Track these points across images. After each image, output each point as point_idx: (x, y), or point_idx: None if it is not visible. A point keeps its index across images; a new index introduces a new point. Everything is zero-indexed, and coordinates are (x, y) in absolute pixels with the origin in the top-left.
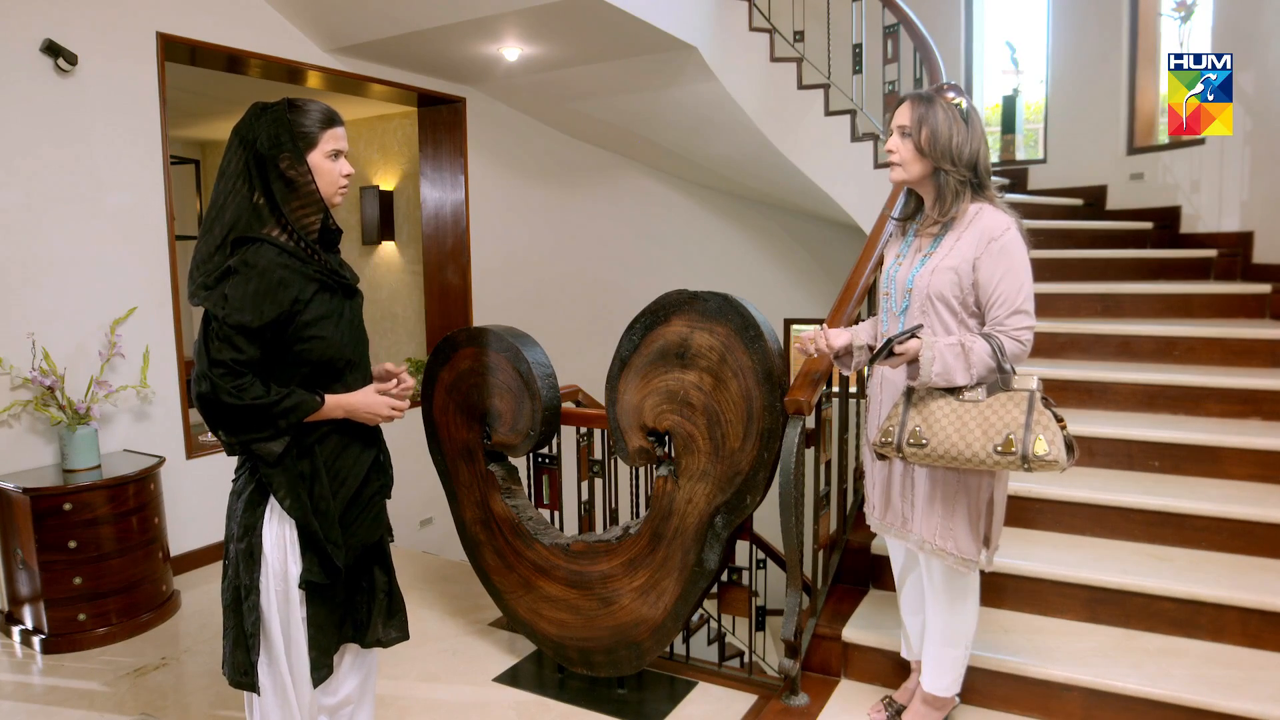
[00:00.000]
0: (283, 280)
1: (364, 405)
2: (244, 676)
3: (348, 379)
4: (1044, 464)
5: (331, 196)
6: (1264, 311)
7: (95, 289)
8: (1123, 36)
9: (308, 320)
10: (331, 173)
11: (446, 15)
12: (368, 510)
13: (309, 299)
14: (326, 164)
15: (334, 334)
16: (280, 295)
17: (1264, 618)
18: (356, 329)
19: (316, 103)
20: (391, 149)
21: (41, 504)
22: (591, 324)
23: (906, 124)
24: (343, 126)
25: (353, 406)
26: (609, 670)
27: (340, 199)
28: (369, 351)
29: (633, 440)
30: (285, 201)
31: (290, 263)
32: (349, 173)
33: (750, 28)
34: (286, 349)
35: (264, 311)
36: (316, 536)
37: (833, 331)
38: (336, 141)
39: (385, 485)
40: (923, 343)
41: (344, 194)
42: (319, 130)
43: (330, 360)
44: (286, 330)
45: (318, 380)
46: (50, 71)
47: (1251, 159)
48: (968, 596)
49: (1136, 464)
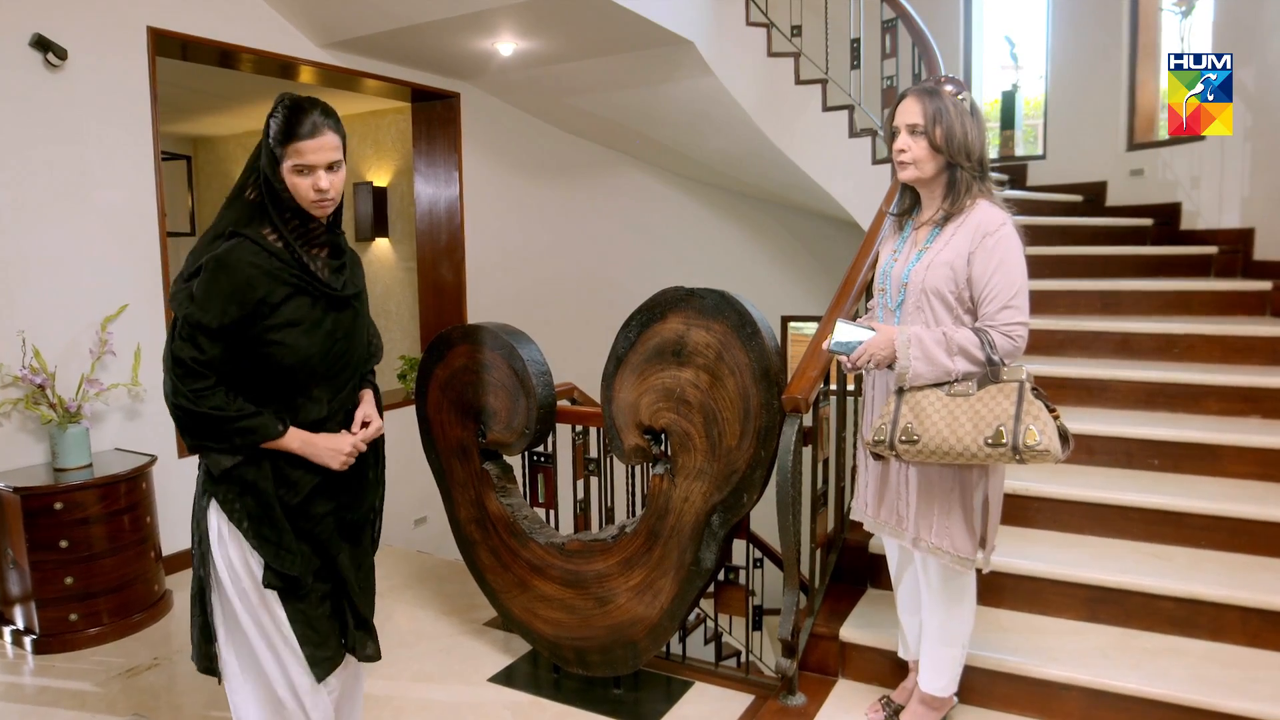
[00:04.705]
0: (250, 280)
1: (327, 444)
2: (208, 663)
3: (315, 393)
4: (1036, 454)
5: (309, 209)
6: (1264, 309)
7: (86, 286)
8: (1123, 31)
9: (274, 324)
10: (298, 188)
11: (441, 9)
12: (320, 524)
13: (279, 302)
14: (292, 179)
15: (302, 343)
16: (245, 295)
17: (1264, 617)
18: (337, 342)
19: (294, 108)
20: (385, 145)
21: (32, 503)
22: (587, 321)
23: (918, 122)
24: (318, 138)
25: (315, 445)
26: (605, 670)
27: (322, 211)
28: (362, 369)
29: (629, 438)
30: (273, 203)
31: (266, 263)
32: (323, 187)
33: (747, 22)
34: (251, 352)
35: (227, 311)
36: (263, 542)
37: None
38: (300, 156)
39: (350, 504)
40: (896, 329)
41: (324, 207)
42: (279, 146)
43: (292, 370)
44: (250, 331)
45: (282, 390)
46: (40, 67)
47: (1252, 155)
48: (964, 596)
49: (1136, 462)
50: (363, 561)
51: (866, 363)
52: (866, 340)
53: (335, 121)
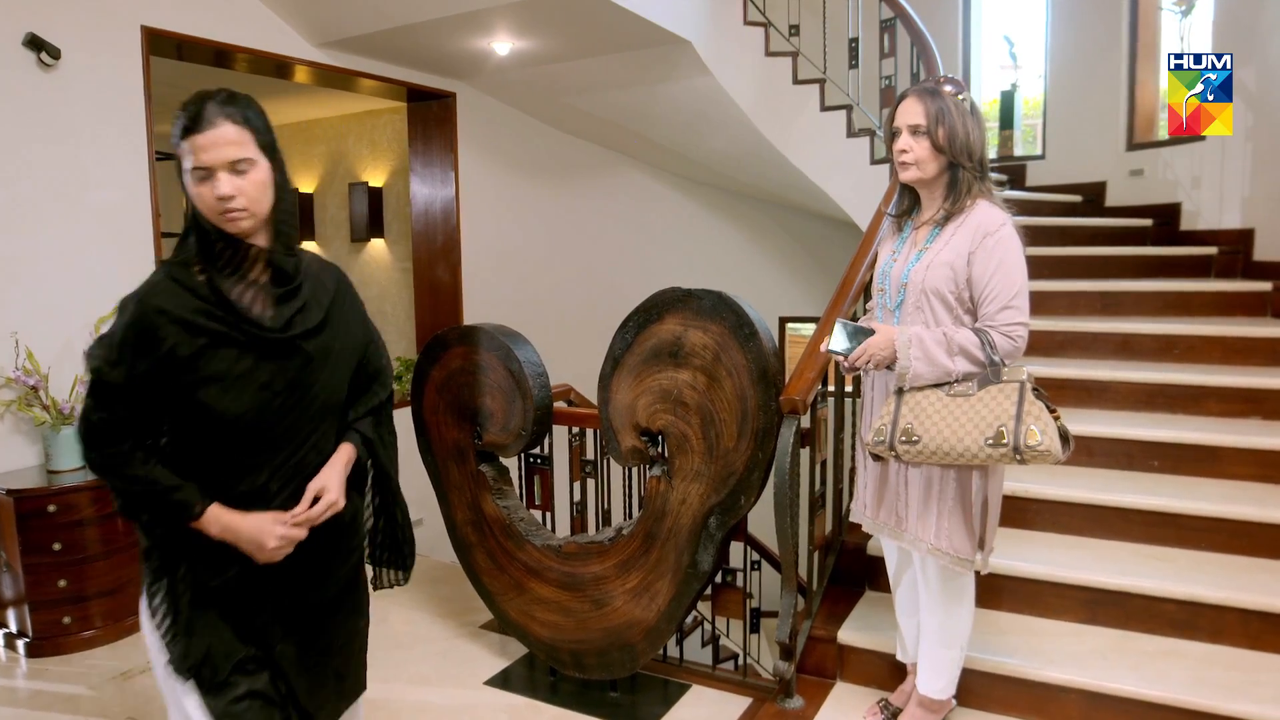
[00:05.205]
0: (153, 329)
1: (251, 533)
2: None
3: (253, 460)
4: (1037, 454)
5: (220, 225)
6: (1265, 310)
7: (79, 287)
8: (1122, 31)
9: (191, 381)
10: (202, 198)
11: (436, 9)
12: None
13: (192, 355)
14: (195, 189)
15: (226, 402)
16: (151, 348)
17: (1265, 619)
18: (276, 397)
19: (191, 100)
20: (381, 145)
21: (25, 505)
22: (584, 322)
23: (920, 122)
24: (209, 130)
25: (237, 533)
26: (602, 673)
27: (235, 227)
28: (327, 424)
29: (626, 440)
30: (196, 226)
31: (179, 306)
32: (224, 193)
33: (745, 21)
34: (180, 408)
35: (134, 365)
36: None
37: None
38: (193, 157)
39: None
40: (897, 329)
41: (236, 221)
42: (177, 141)
43: (221, 433)
44: (173, 385)
45: (219, 455)
46: (33, 66)
47: (1253, 155)
48: (963, 597)
49: (1136, 464)
50: (328, 643)
51: (866, 363)
52: (866, 341)
53: (242, 110)
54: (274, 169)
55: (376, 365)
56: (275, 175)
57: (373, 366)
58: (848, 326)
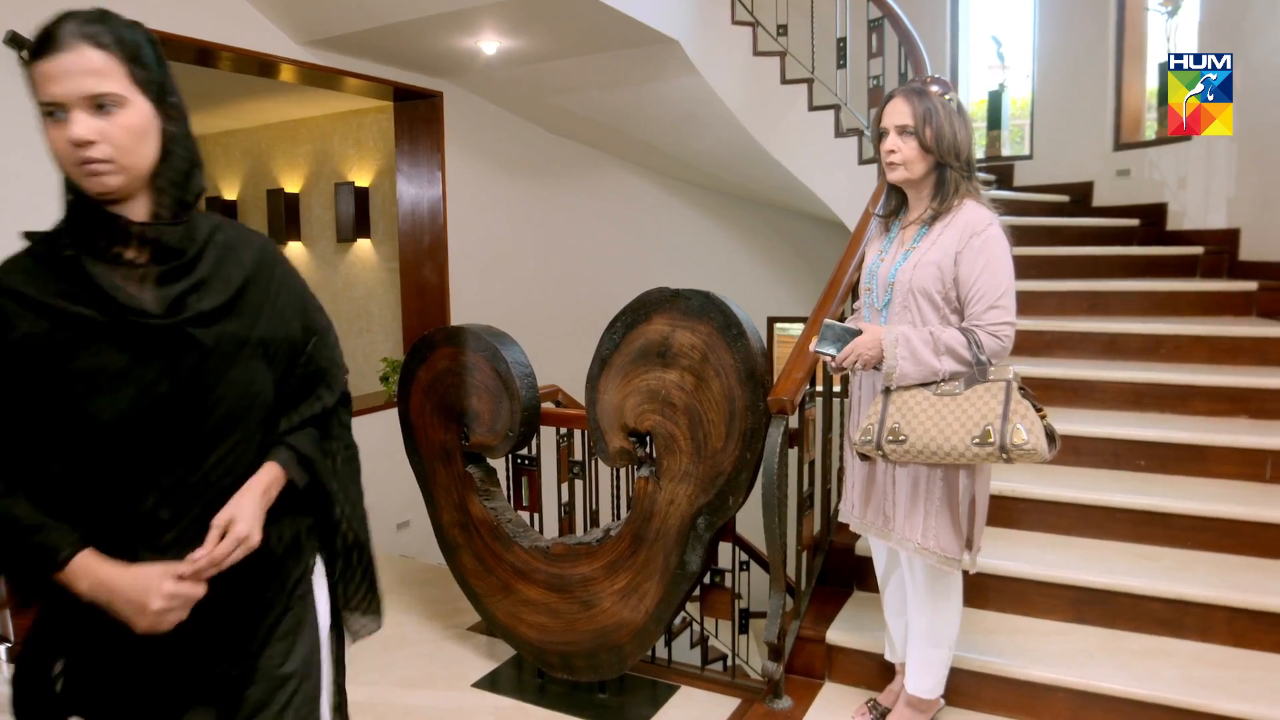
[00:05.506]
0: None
1: (129, 590)
2: None
3: (141, 480)
4: (1023, 453)
5: (79, 182)
6: (1250, 309)
7: None
8: (1109, 31)
9: (54, 382)
10: (55, 147)
11: (422, 8)
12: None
13: (53, 348)
14: (50, 134)
15: (99, 408)
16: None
17: (1252, 617)
18: (160, 400)
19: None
20: (367, 144)
21: None
22: (572, 323)
23: (908, 122)
24: (59, 54)
25: (111, 589)
26: (590, 674)
27: (96, 184)
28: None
29: (613, 441)
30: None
31: (36, 287)
32: (79, 136)
33: (733, 21)
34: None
35: None
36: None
37: None
38: (41, 91)
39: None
40: (883, 329)
41: (98, 176)
42: (29, 67)
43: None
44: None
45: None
46: (14, 65)
47: (1238, 156)
48: (951, 597)
49: (1123, 463)
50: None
51: (854, 363)
52: (853, 341)
53: (114, 31)
54: (162, 116)
55: (320, 364)
56: (164, 124)
57: (315, 365)
58: (835, 327)
